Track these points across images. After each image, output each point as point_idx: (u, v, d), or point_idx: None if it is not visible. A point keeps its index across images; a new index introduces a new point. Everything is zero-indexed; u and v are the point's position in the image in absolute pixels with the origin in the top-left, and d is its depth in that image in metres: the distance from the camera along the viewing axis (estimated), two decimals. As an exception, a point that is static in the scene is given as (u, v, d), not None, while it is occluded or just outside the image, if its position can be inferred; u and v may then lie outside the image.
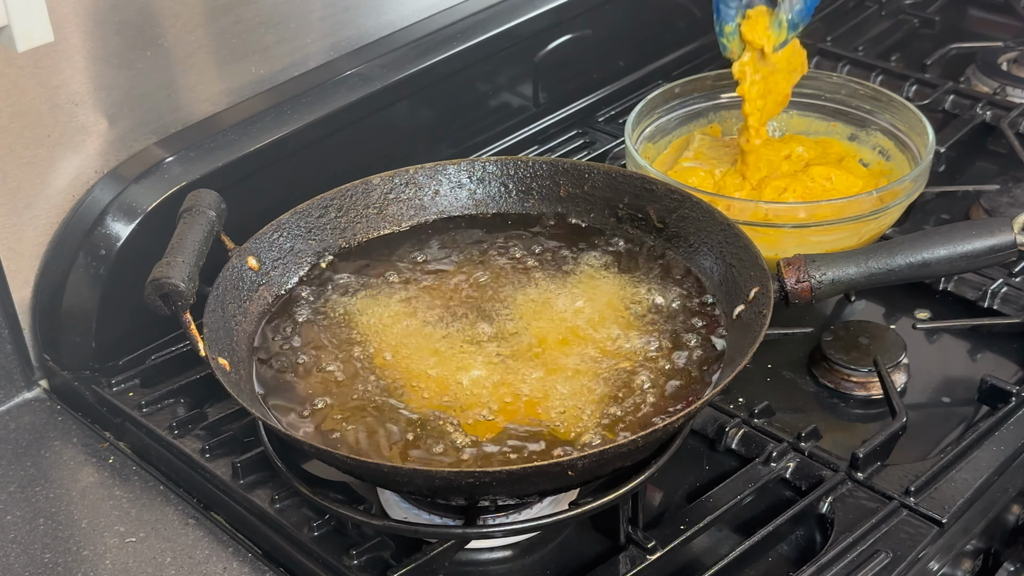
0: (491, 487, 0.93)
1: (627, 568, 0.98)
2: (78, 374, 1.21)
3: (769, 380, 1.20)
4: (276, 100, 1.31)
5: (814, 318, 1.27)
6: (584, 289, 1.12)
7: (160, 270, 0.99)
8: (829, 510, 1.03)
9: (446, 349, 1.06)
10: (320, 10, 1.36)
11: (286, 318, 1.10)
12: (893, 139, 1.36)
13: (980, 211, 1.40)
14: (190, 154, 1.24)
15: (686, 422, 0.98)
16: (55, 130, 1.18)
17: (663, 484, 1.09)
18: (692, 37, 1.72)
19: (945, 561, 1.01)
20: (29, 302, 1.21)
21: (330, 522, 1.03)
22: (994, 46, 1.70)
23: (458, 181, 1.21)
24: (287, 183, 1.29)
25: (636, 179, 1.18)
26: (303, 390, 1.02)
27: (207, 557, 1.04)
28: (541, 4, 1.51)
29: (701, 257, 1.12)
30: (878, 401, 1.16)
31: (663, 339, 1.06)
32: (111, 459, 1.15)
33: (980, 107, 1.56)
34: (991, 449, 1.08)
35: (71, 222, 1.21)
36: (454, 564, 1.01)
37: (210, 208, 1.08)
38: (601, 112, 1.62)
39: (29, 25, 0.93)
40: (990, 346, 1.24)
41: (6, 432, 1.18)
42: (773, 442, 1.09)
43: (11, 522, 1.07)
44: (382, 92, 1.36)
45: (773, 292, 1.01)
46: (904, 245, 1.06)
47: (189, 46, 1.25)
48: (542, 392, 1.01)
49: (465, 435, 0.97)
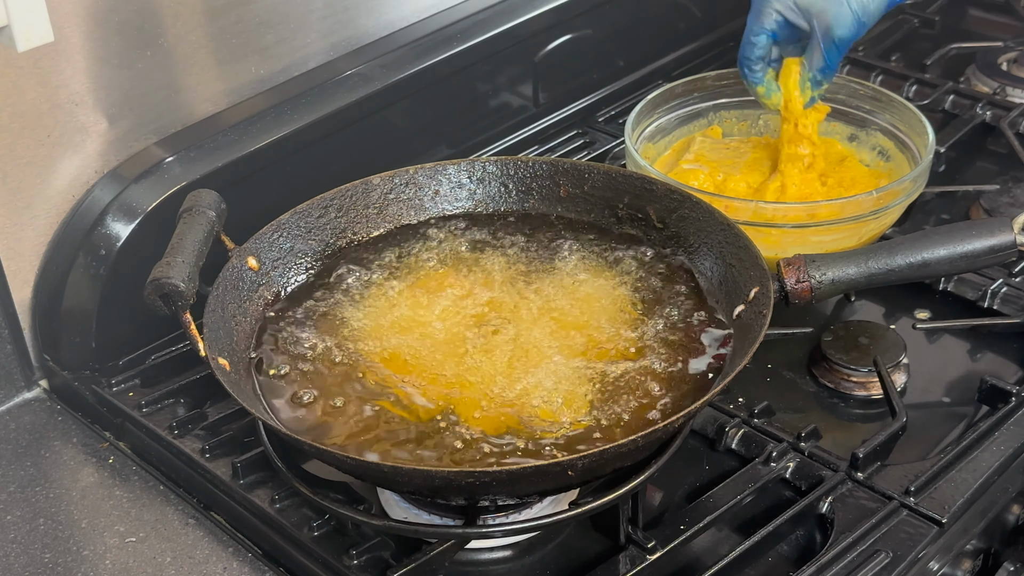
0: (491, 487, 0.93)
1: (627, 568, 0.98)
2: (78, 374, 1.21)
3: (769, 380, 1.20)
4: (276, 100, 1.31)
5: (814, 318, 1.27)
6: (584, 288, 1.12)
7: (160, 270, 0.99)
8: (829, 510, 1.03)
9: (445, 347, 1.06)
10: (320, 10, 1.36)
11: (285, 316, 1.10)
12: (893, 139, 1.36)
13: (980, 211, 1.40)
14: (190, 154, 1.24)
15: (686, 422, 0.98)
16: (55, 130, 1.18)
17: (663, 484, 1.09)
18: (692, 37, 1.73)
19: (945, 561, 1.01)
20: (29, 302, 1.21)
21: (330, 522, 1.03)
22: (994, 46, 1.70)
23: (458, 181, 1.21)
24: (287, 183, 1.29)
25: (636, 179, 1.18)
26: (303, 389, 1.02)
27: (207, 557, 1.04)
28: (541, 4, 1.51)
29: (701, 257, 1.12)
30: (878, 401, 1.16)
31: (663, 339, 1.06)
32: (111, 459, 1.15)
33: (980, 107, 1.56)
34: (991, 449, 1.08)
35: (71, 222, 1.21)
36: (454, 564, 1.01)
37: (210, 208, 1.08)
38: (601, 112, 1.62)
39: (29, 25, 0.93)
40: (990, 346, 1.24)
41: (6, 432, 1.18)
42: (773, 442, 1.09)
43: (11, 522, 1.07)
44: (382, 92, 1.36)
45: (773, 292, 1.01)
46: (904, 245, 1.06)
47: (189, 46, 1.25)
48: (540, 391, 1.01)
49: (464, 433, 0.97)
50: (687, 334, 1.06)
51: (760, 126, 1.44)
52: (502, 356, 1.05)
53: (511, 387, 1.01)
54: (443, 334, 1.07)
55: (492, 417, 0.99)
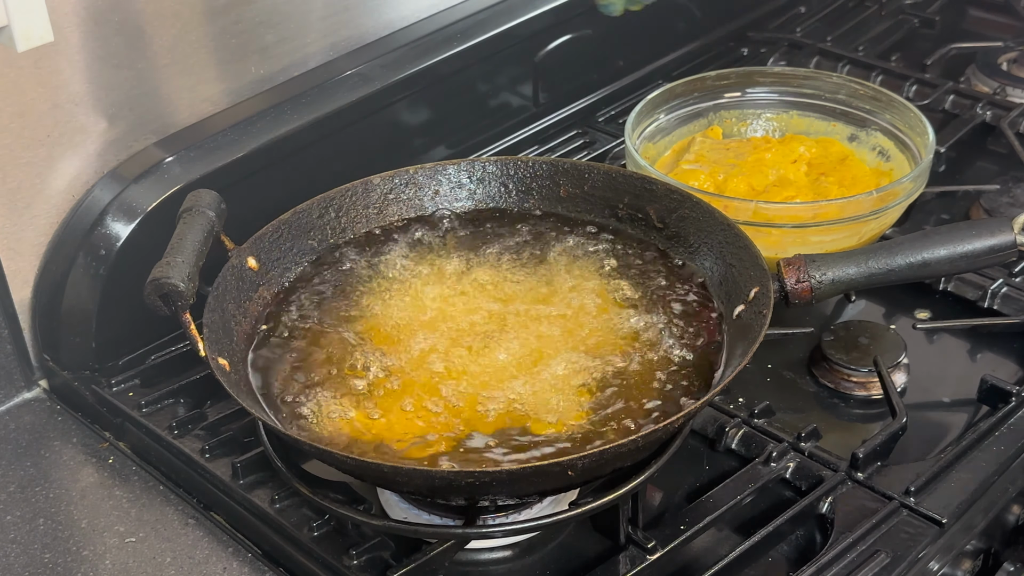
0: (491, 487, 0.93)
1: (627, 568, 0.98)
2: (78, 374, 1.21)
3: (769, 380, 1.20)
4: (276, 100, 1.31)
5: (814, 318, 1.27)
6: (584, 288, 1.12)
7: (160, 270, 0.99)
8: (829, 510, 1.03)
9: (445, 346, 1.06)
10: (320, 10, 1.36)
11: (284, 316, 1.10)
12: (893, 139, 1.36)
13: (980, 211, 1.40)
14: (190, 154, 1.24)
15: (686, 422, 0.98)
16: (55, 130, 1.18)
17: (663, 484, 1.09)
18: (692, 37, 1.73)
19: (945, 561, 1.01)
20: (29, 302, 1.21)
21: (330, 522, 1.03)
22: (994, 46, 1.70)
23: (458, 181, 1.21)
24: (287, 183, 1.29)
25: (636, 179, 1.18)
26: (302, 388, 1.02)
27: (207, 557, 1.04)
28: (541, 4, 1.51)
29: (701, 257, 1.12)
30: (878, 401, 1.16)
31: (662, 338, 1.06)
32: (111, 459, 1.15)
33: (980, 107, 1.56)
34: (991, 449, 1.08)
35: (71, 222, 1.21)
36: (454, 564, 1.01)
37: (210, 208, 1.08)
38: (601, 112, 1.62)
39: (29, 25, 0.93)
40: (990, 346, 1.24)
41: (6, 432, 1.18)
42: (773, 442, 1.09)
43: (11, 522, 1.07)
44: (382, 92, 1.36)
45: (773, 292, 1.01)
46: (904, 245, 1.06)
47: (189, 46, 1.25)
48: (539, 390, 1.01)
49: (464, 431, 0.97)
50: (687, 334, 1.06)
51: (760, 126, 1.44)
52: (501, 356, 1.04)
53: (510, 386, 1.01)
54: (443, 334, 1.07)
55: (492, 413, 0.99)
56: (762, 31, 1.78)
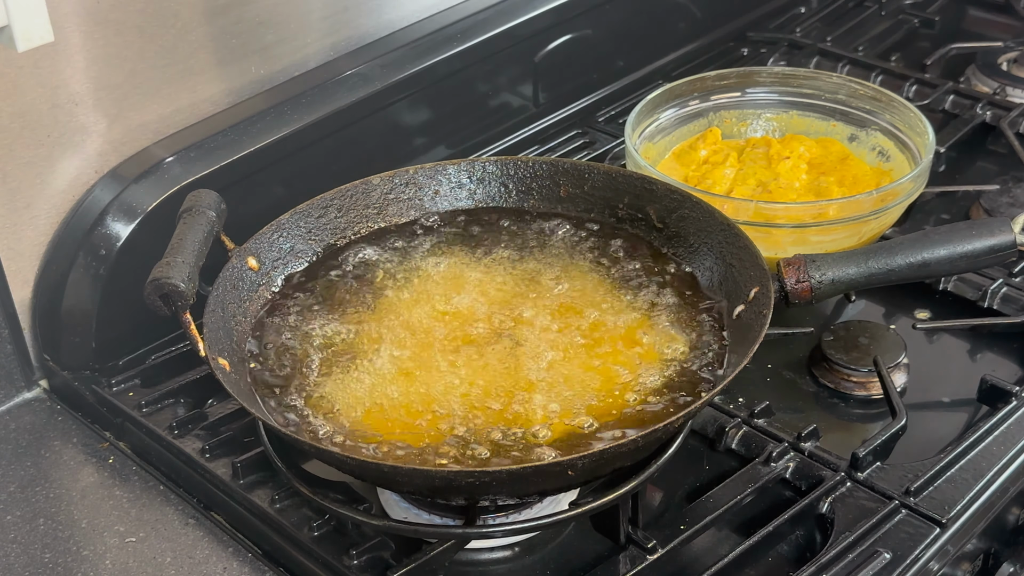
0: (491, 487, 0.93)
1: (627, 568, 0.98)
2: (78, 374, 1.21)
3: (769, 380, 1.20)
4: (276, 100, 1.31)
5: (814, 318, 1.27)
6: (584, 289, 1.12)
7: (160, 270, 0.99)
8: (829, 510, 1.03)
9: (445, 346, 1.06)
10: (320, 10, 1.36)
11: (283, 315, 1.10)
12: (893, 139, 1.36)
13: (980, 211, 1.40)
14: (190, 154, 1.24)
15: (686, 422, 0.98)
16: (55, 130, 1.18)
17: (663, 484, 1.09)
18: (692, 37, 1.73)
19: (945, 561, 1.01)
20: (29, 302, 1.21)
21: (330, 522, 1.03)
22: (994, 46, 1.70)
23: (458, 181, 1.21)
24: (287, 183, 1.29)
25: (636, 179, 1.18)
26: (302, 387, 1.02)
27: (207, 557, 1.04)
28: (541, 4, 1.51)
29: (701, 257, 1.12)
30: (878, 401, 1.16)
31: (662, 338, 1.06)
32: (111, 459, 1.15)
33: (980, 107, 1.56)
34: (991, 449, 1.08)
35: (71, 222, 1.21)
36: (454, 564, 1.01)
37: (210, 208, 1.08)
38: (601, 112, 1.62)
39: (29, 25, 0.93)
40: (990, 346, 1.24)
41: (6, 432, 1.18)
42: (773, 442, 1.09)
43: (11, 522, 1.07)
44: (382, 92, 1.36)
45: (773, 292, 1.01)
46: (904, 245, 1.06)
47: (189, 46, 1.25)
48: (540, 390, 1.01)
49: (464, 431, 0.97)
50: (686, 334, 1.06)
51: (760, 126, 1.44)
52: (501, 356, 1.04)
53: (510, 386, 1.01)
54: (443, 334, 1.07)
55: (490, 412, 0.99)
56: (762, 31, 1.78)
